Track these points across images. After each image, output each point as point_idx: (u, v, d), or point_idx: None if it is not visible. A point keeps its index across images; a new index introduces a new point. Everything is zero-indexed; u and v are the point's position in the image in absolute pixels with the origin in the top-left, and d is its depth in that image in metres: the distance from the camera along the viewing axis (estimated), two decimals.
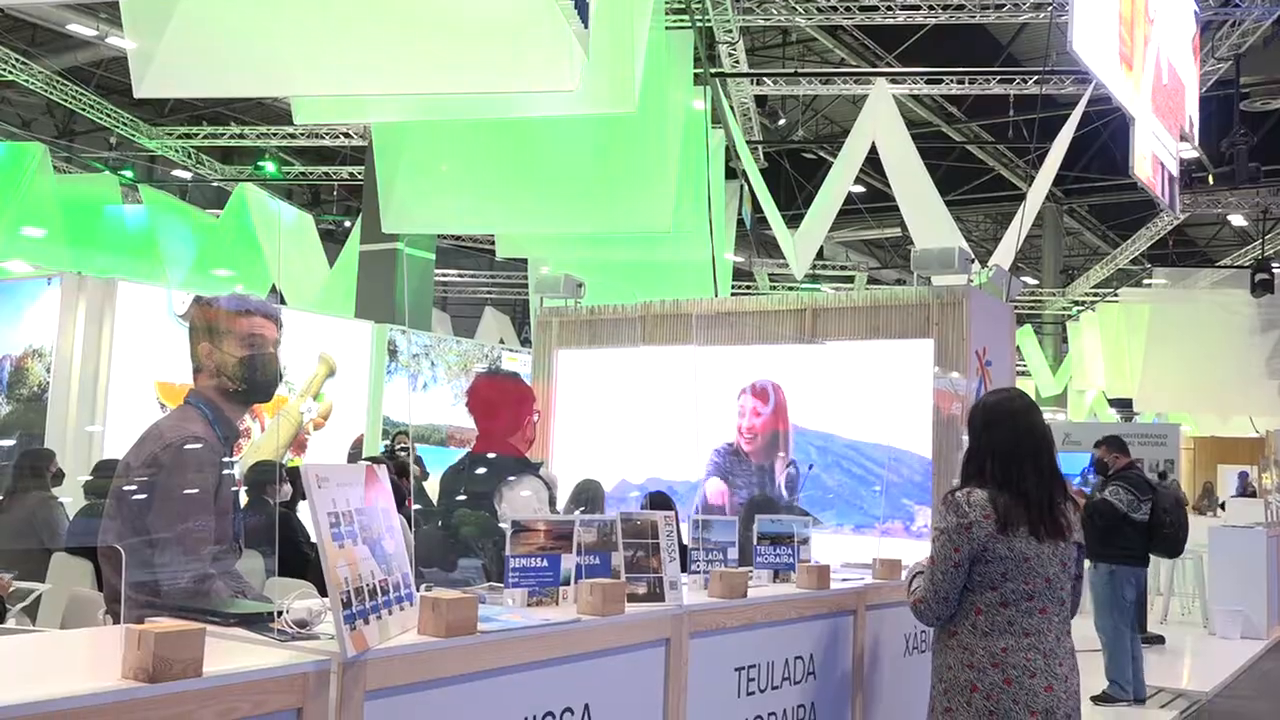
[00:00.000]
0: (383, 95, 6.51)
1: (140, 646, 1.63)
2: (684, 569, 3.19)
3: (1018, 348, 17.76)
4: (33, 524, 6.13)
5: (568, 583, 2.72)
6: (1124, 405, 21.60)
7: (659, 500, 5.04)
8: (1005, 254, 10.18)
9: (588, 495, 5.45)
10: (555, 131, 8.10)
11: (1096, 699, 7.55)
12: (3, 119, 18.20)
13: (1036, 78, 13.37)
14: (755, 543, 3.72)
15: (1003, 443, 3.18)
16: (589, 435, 6.77)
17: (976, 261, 6.22)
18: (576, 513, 4.39)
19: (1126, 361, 19.23)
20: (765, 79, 14.62)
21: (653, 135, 8.21)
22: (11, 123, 18.41)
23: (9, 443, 7.99)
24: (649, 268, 10.24)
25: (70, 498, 6.43)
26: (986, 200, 20.80)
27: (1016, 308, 9.00)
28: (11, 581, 5.15)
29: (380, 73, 5.81)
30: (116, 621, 2.40)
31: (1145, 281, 21.63)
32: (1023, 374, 22.04)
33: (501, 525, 2.95)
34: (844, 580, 3.88)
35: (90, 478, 6.22)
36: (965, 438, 3.37)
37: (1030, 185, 10.66)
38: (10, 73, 15.76)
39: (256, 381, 2.81)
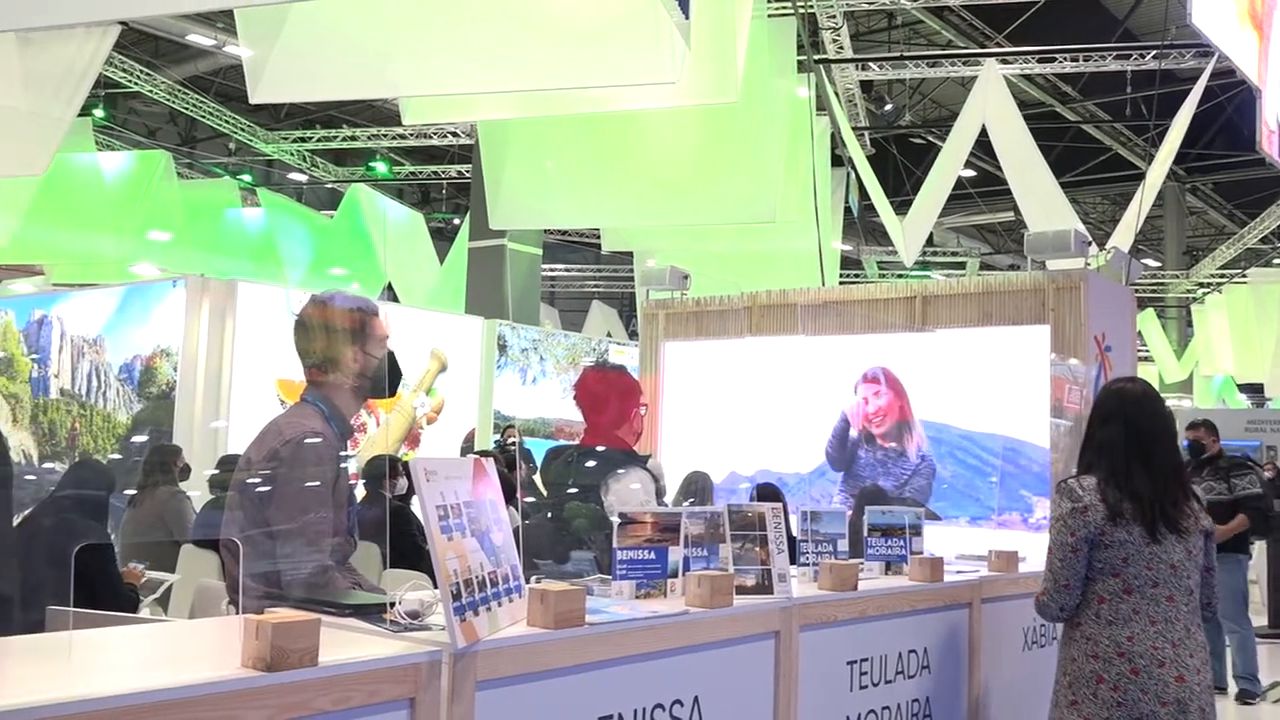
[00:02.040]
0: (488, 93, 6.59)
1: (258, 636, 1.67)
2: (793, 561, 3.16)
3: (1139, 333, 17.19)
4: (162, 517, 6.37)
5: (675, 575, 2.72)
6: (1255, 390, 20.75)
7: (767, 492, 5.00)
8: (1125, 236, 9.86)
9: (697, 487, 5.44)
10: (658, 124, 8.10)
11: (1239, 698, 7.28)
12: (130, 128, 18.94)
13: (1155, 52, 12.91)
14: (866, 534, 3.67)
15: (1112, 439, 3.07)
16: (697, 427, 6.76)
17: (1094, 244, 6.02)
18: (685, 505, 4.40)
19: (1257, 344, 18.47)
20: (870, 64, 14.40)
21: (756, 125, 8.15)
22: (138, 132, 19.15)
23: (141, 439, 8.32)
24: (755, 258, 10.18)
25: (197, 491, 6.67)
26: (1104, 181, 20.15)
27: (1137, 291, 8.70)
28: (144, 572, 5.36)
29: (486, 71, 5.88)
30: (239, 611, 2.47)
31: (1276, 261, 20.73)
32: (1145, 360, 21.33)
33: (611, 518, 2.96)
34: (958, 573, 3.80)
35: (215, 472, 6.43)
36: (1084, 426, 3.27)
37: (1150, 164, 10.30)
38: (136, 84, 16.39)
39: (389, 380, 2.91)
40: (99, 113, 16.07)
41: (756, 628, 2.73)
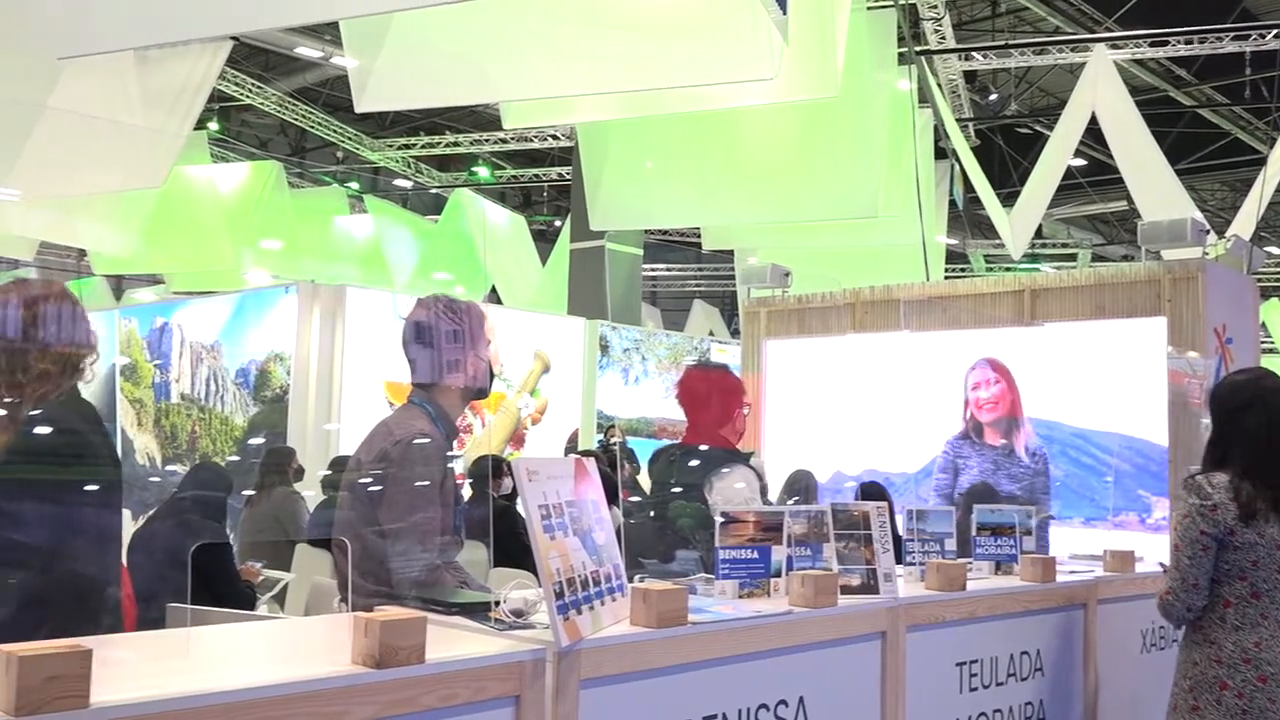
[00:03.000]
0: (587, 95, 6.63)
1: (368, 634, 1.70)
2: (899, 561, 3.11)
3: (1263, 323, 16.52)
4: (278, 517, 6.55)
5: (779, 574, 2.70)
6: None
7: (872, 491, 4.94)
8: (1245, 223, 9.49)
9: (801, 486, 5.40)
10: (758, 120, 8.06)
11: None
12: (242, 140, 19.54)
13: (1276, 32, 12.39)
14: (974, 534, 3.59)
15: (1251, 428, 2.95)
16: (800, 426, 6.70)
17: (1212, 232, 5.81)
18: (789, 504, 4.36)
19: None
20: (974, 53, 14.11)
21: (856, 119, 8.05)
22: (250, 143, 19.74)
23: (257, 441, 8.57)
24: (857, 254, 10.06)
25: (311, 492, 6.85)
26: (1222, 167, 19.41)
27: (1260, 280, 8.36)
28: (261, 571, 5.53)
29: (584, 73, 5.92)
30: (350, 609, 2.53)
31: None
32: (1269, 351, 20.50)
33: (715, 517, 2.95)
34: (1071, 573, 3.70)
35: (328, 473, 6.59)
36: (1206, 422, 3.15)
37: (1272, 148, 9.90)
38: (247, 97, 16.90)
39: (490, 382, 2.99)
40: (213, 126, 16.61)
41: (862, 628, 2.69)
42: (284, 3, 5.16)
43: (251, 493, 6.75)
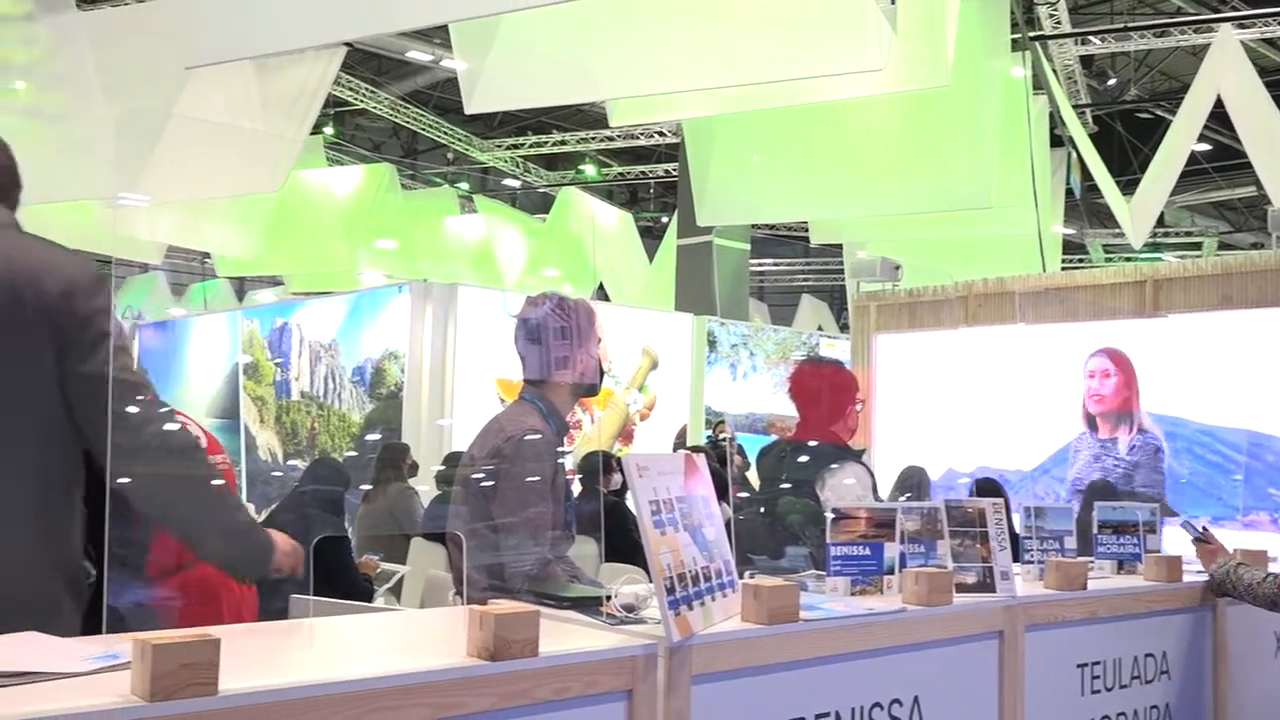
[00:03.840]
0: (694, 91, 6.63)
1: (482, 627, 1.73)
2: (1015, 559, 3.04)
3: None
4: (393, 512, 6.70)
5: (891, 571, 2.66)
6: None
7: (987, 487, 4.84)
8: None
9: (913, 482, 5.32)
10: (866, 111, 7.95)
11: None
12: (356, 144, 20.01)
13: None
14: (1095, 531, 3.49)
15: None
16: (911, 422, 6.60)
17: None
18: (901, 500, 4.30)
19: None
20: (1091, 37, 13.70)
21: (968, 108, 7.89)
22: (364, 147, 20.21)
23: (373, 437, 8.78)
24: (970, 245, 9.87)
25: (425, 487, 6.99)
26: None
27: None
28: (378, 564, 5.66)
29: (691, 69, 5.92)
30: (464, 602, 2.57)
31: None
32: None
33: (828, 514, 2.92)
34: (1199, 573, 3.57)
35: (441, 468, 6.71)
36: None
37: None
38: (361, 101, 17.30)
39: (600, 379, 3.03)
40: (329, 130, 17.05)
41: (978, 627, 2.64)
42: (395, 7, 5.27)
43: (368, 487, 6.92)
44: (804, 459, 3.72)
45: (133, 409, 2.03)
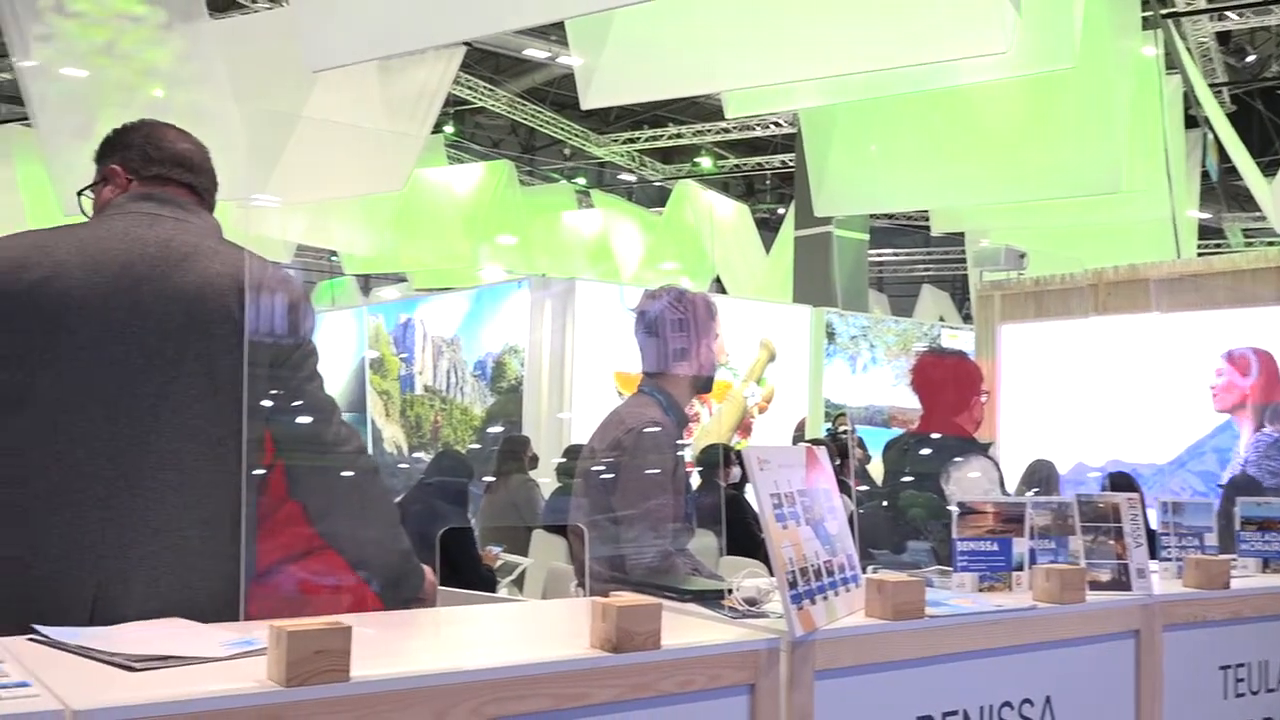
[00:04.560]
0: (811, 80, 6.55)
1: (605, 619, 1.74)
2: (1152, 556, 2.93)
3: None
4: (514, 504, 6.80)
5: (1020, 568, 2.59)
6: None
7: (1120, 482, 4.68)
8: None
9: (1040, 476, 5.18)
10: (989, 96, 7.75)
11: None
12: (476, 141, 20.34)
13: None
14: (1239, 528, 3.34)
15: None
16: (1038, 415, 6.43)
17: None
18: (1029, 494, 4.19)
19: None
20: (1227, 13, 13.13)
21: (1096, 89, 7.62)
22: (483, 144, 20.54)
23: (494, 430, 8.92)
24: (1099, 231, 9.55)
25: (546, 479, 7.07)
26: None
27: None
28: (500, 555, 5.75)
29: (808, 59, 5.86)
30: (586, 593, 2.59)
31: None
32: None
33: (950, 507, 2.86)
34: None
35: (562, 460, 6.79)
36: None
37: None
38: (480, 99, 17.58)
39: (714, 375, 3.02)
40: (449, 129, 17.37)
41: (1113, 626, 2.55)
42: (513, 5, 5.33)
43: (490, 480, 7.03)
44: (927, 452, 3.66)
45: (328, 426, 2.16)
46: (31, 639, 1.64)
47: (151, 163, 2.14)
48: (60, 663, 1.52)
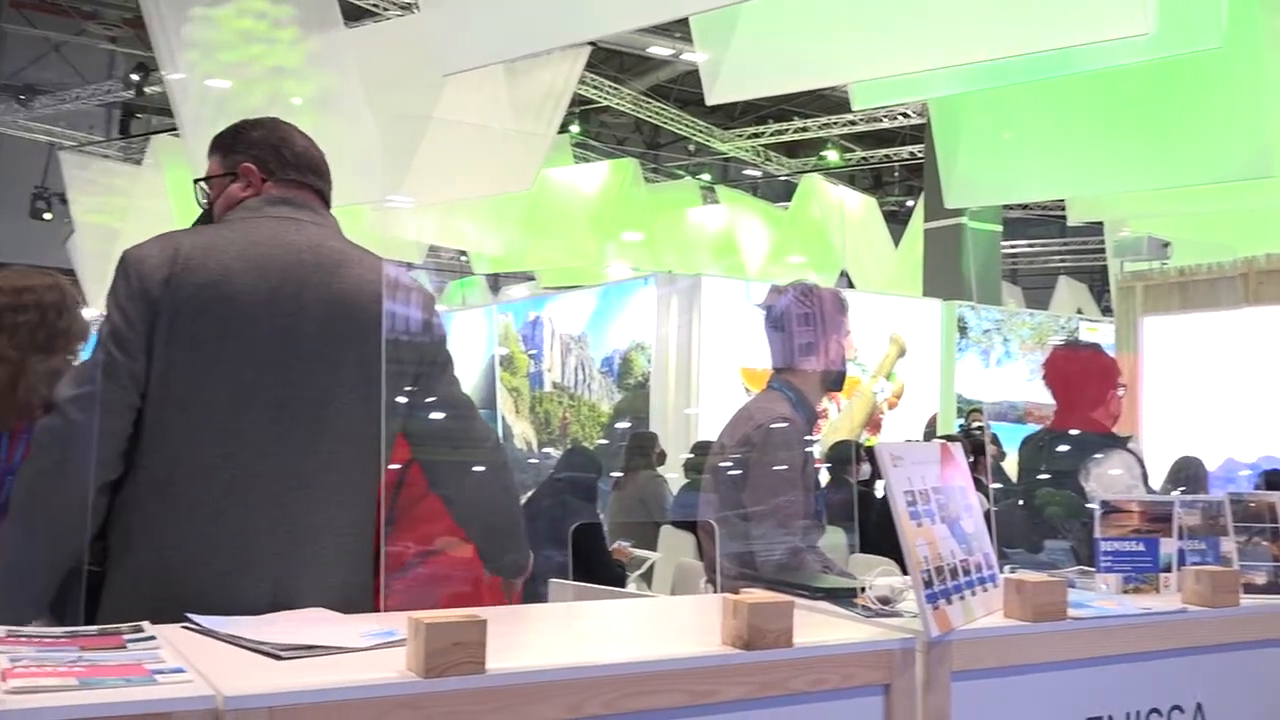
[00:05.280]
0: (942, 69, 6.41)
1: (736, 615, 1.73)
2: None
3: None
4: (642, 499, 6.83)
5: (1168, 569, 2.49)
6: None
7: (1275, 480, 4.47)
8: None
9: (1188, 473, 4.99)
10: (1128, 79, 7.47)
11: None
12: (600, 139, 20.50)
13: None
14: None
15: None
16: (1184, 410, 6.18)
17: None
18: (1175, 493, 4.03)
19: None
20: None
21: (1244, 68, 7.27)
22: (608, 142, 20.68)
23: (622, 426, 8.98)
24: (1249, 218, 9.10)
25: (674, 475, 7.09)
26: None
27: None
28: (629, 550, 5.79)
29: (938, 47, 5.73)
30: (715, 590, 2.59)
31: None
32: None
33: (1089, 505, 2.77)
34: None
35: (690, 456, 6.79)
36: None
37: None
38: (604, 98, 17.71)
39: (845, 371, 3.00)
40: (574, 128, 17.53)
41: (1270, 631, 2.43)
42: (637, 4, 5.35)
43: (618, 475, 7.08)
44: (1064, 448, 3.55)
45: (472, 423, 2.26)
46: (185, 627, 1.71)
47: (287, 166, 2.18)
48: (211, 650, 1.58)
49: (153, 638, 1.58)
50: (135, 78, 16.52)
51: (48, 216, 20.08)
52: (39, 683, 1.30)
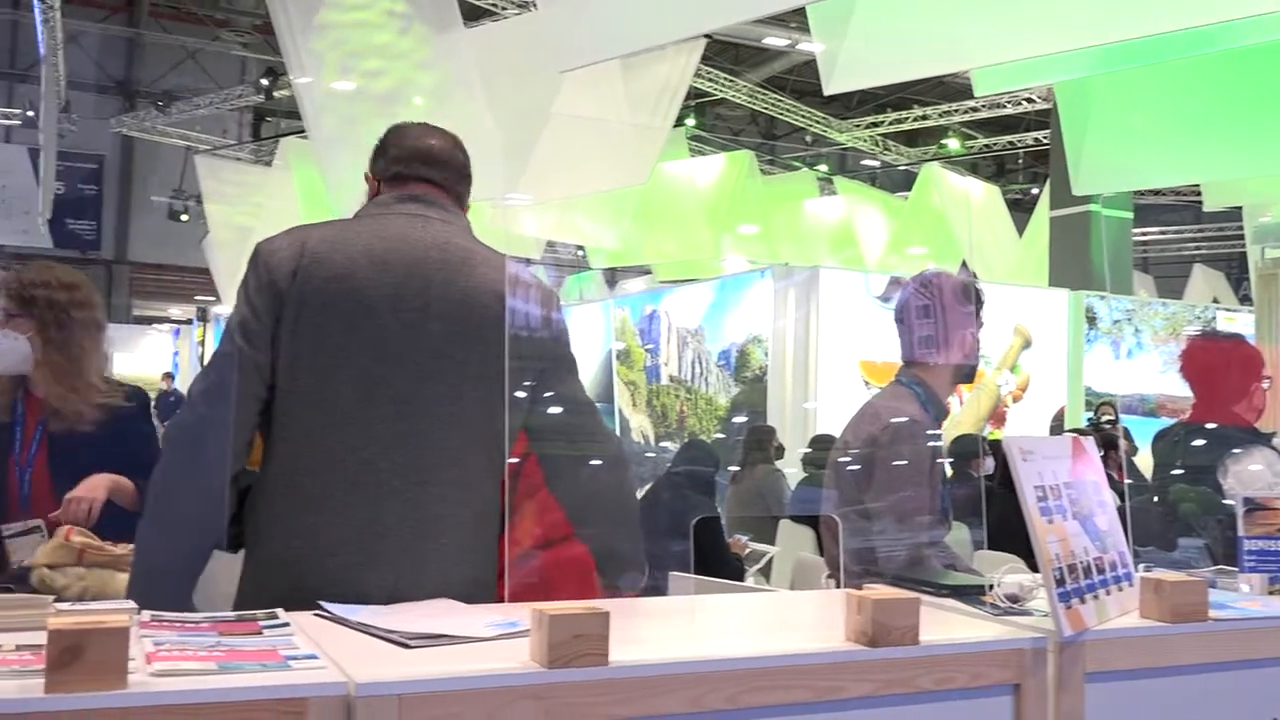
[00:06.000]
0: (1069, 52, 6.22)
1: (860, 612, 1.70)
2: None
3: None
4: (760, 493, 6.80)
5: None
6: None
7: None
8: None
9: None
10: (1265, 58, 7.13)
11: None
12: (716, 132, 20.45)
13: None
14: None
15: None
16: None
17: None
18: None
19: None
20: None
21: None
22: (723, 135, 20.62)
23: (739, 420, 8.95)
24: None
25: (792, 469, 7.03)
26: None
27: None
28: (747, 544, 5.76)
29: (1066, 29, 5.56)
30: (838, 585, 2.55)
31: None
32: None
33: (1227, 502, 2.66)
34: None
35: (808, 450, 6.73)
36: None
37: None
38: (720, 91, 17.65)
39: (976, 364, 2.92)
40: (690, 122, 17.52)
41: None
42: None
43: (736, 469, 7.05)
44: (1201, 443, 3.42)
45: (592, 420, 2.28)
46: (317, 614, 1.76)
47: (392, 162, 2.19)
48: (342, 638, 1.62)
49: (287, 624, 1.63)
50: (265, 82, 17.10)
51: (184, 218, 20.95)
52: (180, 666, 1.35)
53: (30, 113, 18.77)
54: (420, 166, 2.18)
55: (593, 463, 2.22)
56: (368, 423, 2.00)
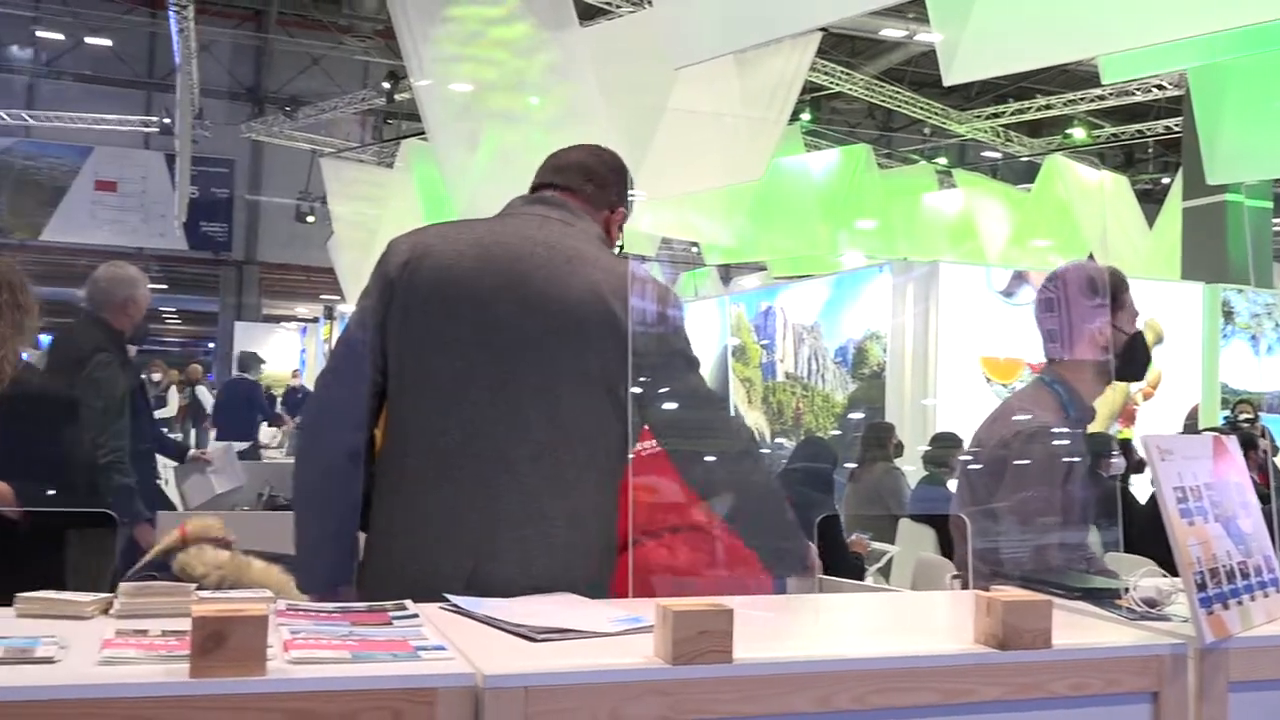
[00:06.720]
0: (1202, 36, 5.98)
1: (990, 613, 1.66)
2: None
3: None
4: (879, 491, 6.70)
5: None
6: None
7: None
8: None
9: None
10: None
11: None
12: (832, 125, 20.22)
13: None
14: None
15: None
16: None
17: None
18: None
19: None
20: None
21: None
22: (840, 129, 20.38)
23: (857, 416, 8.84)
24: None
25: (912, 467, 6.91)
26: None
27: None
28: (867, 543, 5.69)
29: (1198, 11, 5.35)
30: (964, 586, 2.50)
31: None
32: None
33: None
34: None
35: (928, 448, 6.61)
36: None
37: None
38: (836, 84, 17.45)
39: (1138, 359, 2.81)
40: (805, 116, 17.34)
41: None
42: None
43: (854, 466, 6.97)
44: None
45: (723, 413, 2.27)
46: (442, 607, 1.79)
47: (537, 173, 2.31)
48: (468, 630, 1.65)
49: (415, 615, 1.66)
50: (387, 85, 17.50)
51: (310, 219, 21.58)
52: (316, 654, 1.39)
53: (167, 120, 19.55)
54: (551, 173, 2.28)
55: (732, 457, 2.23)
56: (460, 406, 2.06)
